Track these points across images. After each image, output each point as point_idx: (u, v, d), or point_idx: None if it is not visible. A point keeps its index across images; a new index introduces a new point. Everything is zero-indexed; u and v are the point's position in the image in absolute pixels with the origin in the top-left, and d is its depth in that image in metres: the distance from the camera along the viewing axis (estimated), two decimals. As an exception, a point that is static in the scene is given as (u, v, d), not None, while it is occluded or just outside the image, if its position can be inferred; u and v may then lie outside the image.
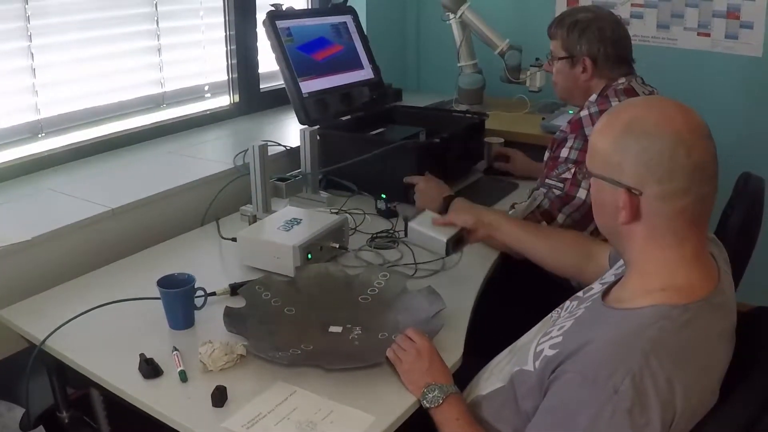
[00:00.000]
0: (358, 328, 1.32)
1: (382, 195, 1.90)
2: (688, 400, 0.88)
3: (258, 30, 2.54)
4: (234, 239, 1.64)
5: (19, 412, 1.49)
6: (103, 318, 1.34)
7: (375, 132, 2.30)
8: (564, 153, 1.67)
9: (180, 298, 1.31)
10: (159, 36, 2.24)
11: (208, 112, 2.49)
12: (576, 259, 1.42)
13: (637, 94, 1.68)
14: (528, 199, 1.69)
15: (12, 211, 1.67)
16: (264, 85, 2.69)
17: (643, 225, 0.96)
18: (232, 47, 2.52)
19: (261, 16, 2.36)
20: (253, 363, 1.21)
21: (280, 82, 2.39)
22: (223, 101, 2.56)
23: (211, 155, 2.15)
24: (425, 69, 3.35)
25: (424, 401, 1.12)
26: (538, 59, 2.53)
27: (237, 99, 2.59)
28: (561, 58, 1.76)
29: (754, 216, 1.71)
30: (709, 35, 2.65)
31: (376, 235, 1.74)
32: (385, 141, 2.15)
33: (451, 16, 2.74)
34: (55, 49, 1.96)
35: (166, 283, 1.31)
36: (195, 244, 1.74)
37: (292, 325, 1.33)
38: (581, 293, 1.16)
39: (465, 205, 1.82)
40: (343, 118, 2.33)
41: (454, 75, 2.87)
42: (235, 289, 1.44)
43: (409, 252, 1.64)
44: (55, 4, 1.94)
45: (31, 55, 1.90)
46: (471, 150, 2.25)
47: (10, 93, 1.89)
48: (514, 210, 1.69)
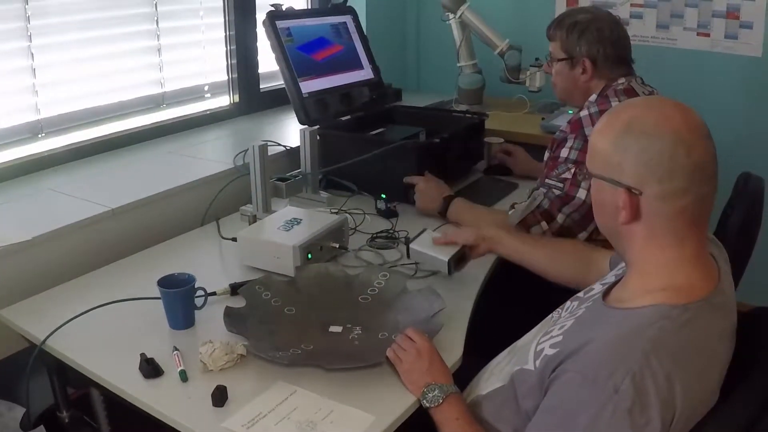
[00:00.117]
0: (358, 328, 1.32)
1: (382, 195, 1.90)
2: (688, 399, 0.88)
3: (258, 30, 2.55)
4: (234, 239, 1.64)
5: (20, 411, 1.49)
6: (104, 318, 1.34)
7: (375, 132, 2.30)
8: (564, 153, 1.67)
9: (180, 297, 1.31)
10: (159, 36, 2.24)
11: (208, 112, 2.49)
12: (577, 268, 1.42)
13: (637, 94, 1.68)
14: (528, 199, 1.69)
15: (12, 211, 1.67)
16: (264, 85, 2.69)
17: (643, 225, 0.96)
18: (232, 47, 2.52)
19: (261, 16, 2.37)
20: (254, 363, 1.21)
21: (280, 82, 2.39)
22: (223, 101, 2.57)
23: (211, 155, 2.16)
24: (425, 69, 3.35)
25: (424, 401, 1.12)
26: (537, 59, 2.53)
27: (237, 99, 2.59)
28: (560, 60, 1.76)
29: (754, 216, 1.71)
30: (708, 35, 2.65)
31: (376, 235, 1.75)
32: (385, 141, 2.15)
33: (451, 16, 2.75)
34: (55, 49, 1.96)
35: (166, 283, 1.32)
36: (195, 244, 1.74)
37: (293, 324, 1.33)
38: (582, 293, 1.16)
39: (465, 206, 1.82)
40: (343, 118, 2.33)
41: (453, 75, 2.87)
42: (235, 289, 1.44)
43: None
44: (55, 4, 1.94)
45: (31, 55, 1.90)
46: (471, 150, 2.25)
47: (11, 93, 1.89)
48: (514, 210, 1.68)
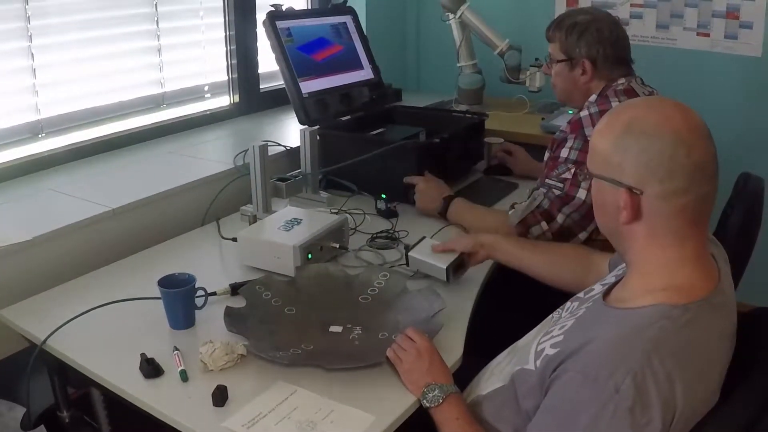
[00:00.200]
0: (358, 328, 1.32)
1: (382, 195, 1.90)
2: (689, 399, 0.88)
3: (258, 30, 2.55)
4: (234, 239, 1.64)
5: (20, 411, 1.49)
6: (104, 318, 1.34)
7: (375, 132, 2.30)
8: (564, 153, 1.67)
9: (180, 297, 1.31)
10: (159, 36, 2.24)
11: (208, 112, 2.49)
12: (576, 272, 1.42)
13: (637, 94, 1.68)
14: (528, 199, 1.69)
15: (12, 211, 1.67)
16: (264, 86, 2.69)
17: (644, 225, 0.96)
18: (232, 47, 2.52)
19: (261, 17, 2.37)
20: (254, 363, 1.21)
21: (280, 83, 2.40)
22: (223, 101, 2.57)
23: (212, 155, 2.16)
24: (425, 69, 3.35)
25: (424, 401, 1.12)
26: (537, 59, 2.53)
27: (237, 99, 2.59)
28: (560, 61, 1.76)
29: (754, 216, 1.71)
30: (708, 35, 2.65)
31: (376, 235, 1.75)
32: (385, 141, 2.15)
33: (451, 16, 2.75)
34: (56, 49, 1.96)
35: (166, 282, 1.32)
36: (195, 244, 1.74)
37: (293, 324, 1.33)
38: (582, 294, 1.16)
39: (465, 206, 1.82)
40: (343, 118, 2.33)
41: (453, 75, 2.87)
42: (235, 288, 1.44)
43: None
44: (56, 4, 1.94)
45: (32, 55, 1.90)
46: (471, 150, 2.25)
47: (11, 93, 1.89)
48: (514, 210, 1.69)
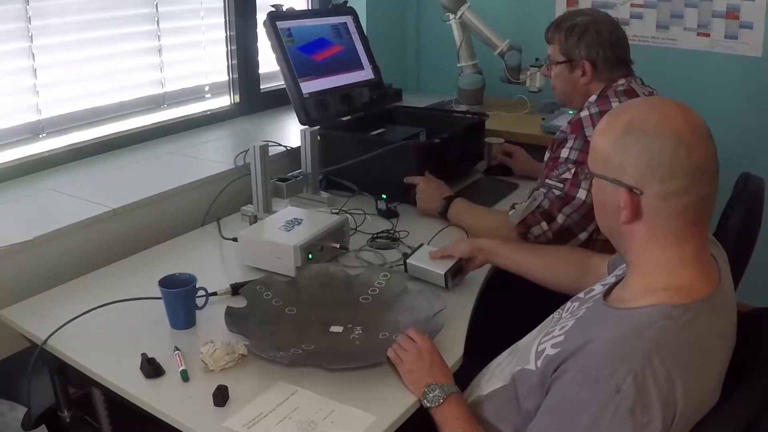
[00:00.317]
0: (358, 328, 1.32)
1: (383, 195, 1.90)
2: (689, 399, 0.88)
3: (258, 30, 2.55)
4: (235, 239, 1.64)
5: (21, 411, 1.50)
6: (105, 318, 1.35)
7: (375, 132, 2.30)
8: (564, 153, 1.67)
9: (181, 298, 1.32)
10: (159, 36, 2.25)
11: (209, 113, 2.49)
12: (574, 274, 1.42)
13: (637, 94, 1.68)
14: (528, 199, 1.69)
15: (13, 211, 1.67)
16: (264, 86, 2.69)
17: (644, 224, 0.96)
18: (233, 48, 2.53)
19: (261, 17, 2.36)
20: (255, 363, 1.21)
21: (280, 83, 2.40)
22: (224, 101, 2.57)
23: (212, 155, 2.16)
24: (425, 69, 3.35)
25: (425, 401, 1.12)
26: (538, 59, 2.53)
27: (237, 99, 2.59)
28: (559, 63, 1.76)
29: (754, 216, 1.71)
30: (708, 35, 2.65)
31: (376, 235, 1.75)
32: (385, 141, 2.15)
33: (451, 16, 2.75)
34: (56, 49, 1.96)
35: (167, 283, 1.32)
36: (196, 244, 1.74)
37: (293, 324, 1.33)
38: (582, 294, 1.16)
39: (465, 207, 1.82)
40: (344, 119, 2.33)
41: (454, 75, 2.87)
42: (236, 289, 1.44)
43: (410, 251, 1.64)
44: (56, 4, 1.95)
45: (32, 55, 1.90)
46: (471, 150, 2.25)
47: (11, 93, 1.89)
48: (514, 210, 1.69)
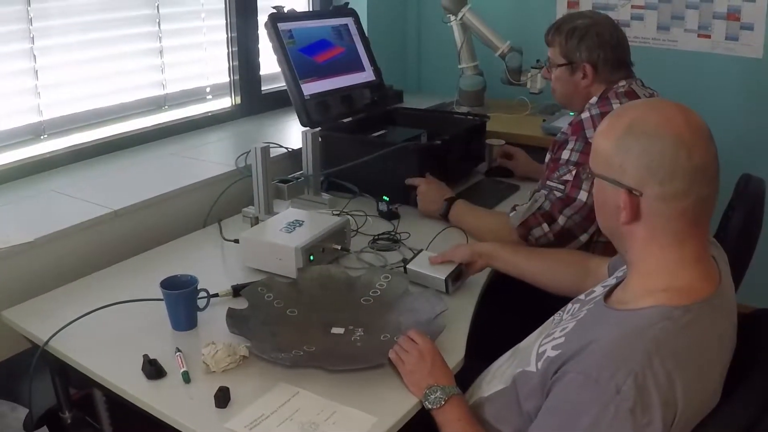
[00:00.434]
0: (360, 330, 1.33)
1: (384, 197, 1.90)
2: (690, 400, 0.88)
3: (259, 32, 2.55)
4: (236, 241, 1.64)
5: (23, 412, 1.50)
6: (106, 319, 1.35)
7: (376, 134, 2.30)
8: (565, 155, 1.67)
9: (183, 299, 1.32)
10: (161, 38, 2.25)
11: (210, 114, 2.50)
12: (573, 276, 1.42)
13: (637, 96, 1.68)
14: (529, 200, 1.69)
15: (14, 212, 1.68)
16: (265, 87, 2.69)
17: (644, 225, 0.96)
18: (234, 49, 2.53)
19: (262, 18, 2.37)
20: (256, 364, 1.21)
21: (281, 84, 2.40)
22: (225, 103, 2.57)
23: (213, 157, 2.16)
24: (426, 71, 3.35)
25: (426, 402, 1.13)
26: (538, 61, 2.53)
27: (239, 101, 2.60)
28: (560, 65, 1.75)
29: (755, 218, 1.71)
30: (709, 37, 2.66)
31: (377, 236, 1.75)
32: (386, 143, 2.15)
33: (452, 18, 2.75)
34: (58, 51, 1.97)
35: (168, 284, 1.32)
36: (197, 245, 1.74)
37: (295, 326, 1.33)
38: (583, 296, 1.16)
39: (466, 208, 1.83)
40: (345, 120, 2.33)
41: (454, 77, 2.88)
42: (237, 290, 1.45)
43: (410, 254, 1.64)
44: (58, 6, 1.95)
45: (34, 57, 1.91)
46: (472, 152, 2.26)
47: (13, 95, 1.90)
48: (515, 212, 1.69)
